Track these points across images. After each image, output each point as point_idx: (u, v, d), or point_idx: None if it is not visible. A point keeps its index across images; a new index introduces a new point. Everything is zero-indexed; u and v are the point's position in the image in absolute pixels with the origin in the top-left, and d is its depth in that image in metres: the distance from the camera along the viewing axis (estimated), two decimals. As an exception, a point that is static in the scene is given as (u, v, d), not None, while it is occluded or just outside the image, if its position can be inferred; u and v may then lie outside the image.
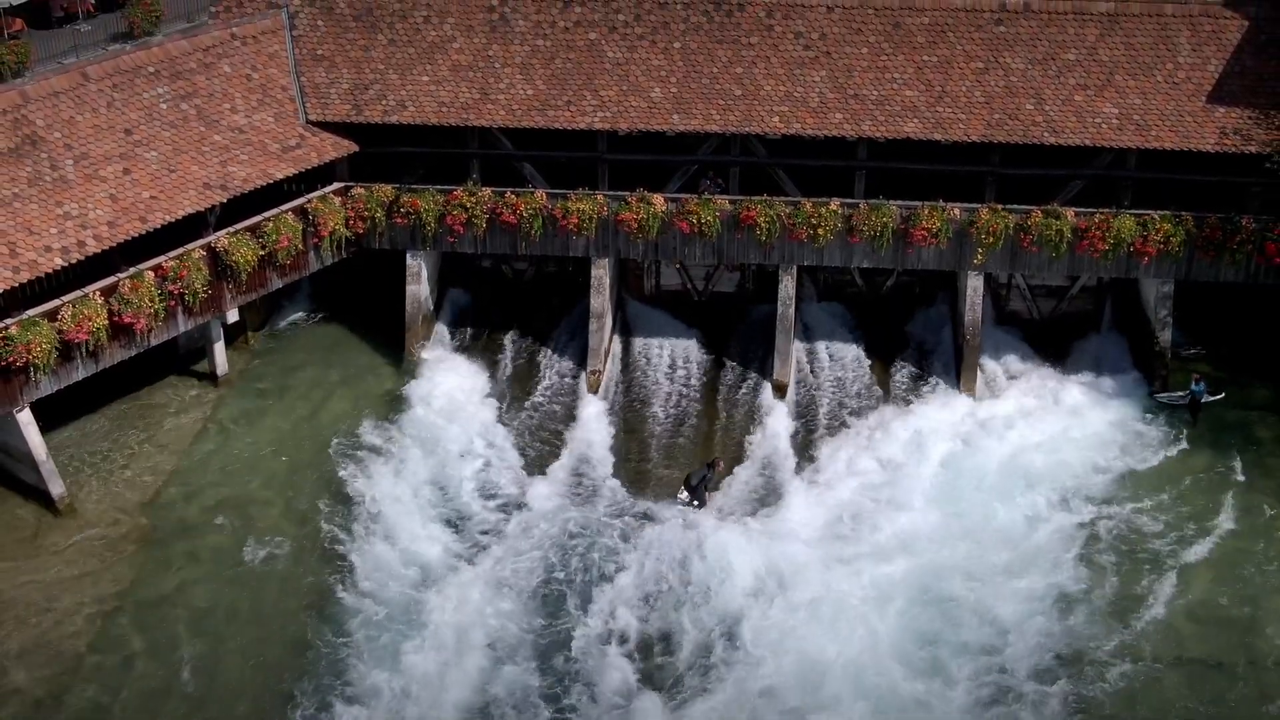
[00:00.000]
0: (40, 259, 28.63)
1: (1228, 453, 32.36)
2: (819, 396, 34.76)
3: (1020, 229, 33.33)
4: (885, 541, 29.83)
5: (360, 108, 33.69)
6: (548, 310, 37.22)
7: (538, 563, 29.15)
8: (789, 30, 34.01)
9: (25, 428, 29.72)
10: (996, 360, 35.67)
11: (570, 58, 34.00)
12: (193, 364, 34.69)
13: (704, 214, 33.64)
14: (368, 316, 36.51)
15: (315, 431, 32.94)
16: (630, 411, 34.32)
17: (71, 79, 31.35)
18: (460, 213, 34.10)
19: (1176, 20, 33.61)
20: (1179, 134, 32.55)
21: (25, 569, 28.76)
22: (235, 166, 32.08)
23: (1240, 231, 32.90)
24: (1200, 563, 29.38)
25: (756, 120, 33.23)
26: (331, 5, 34.77)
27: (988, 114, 32.93)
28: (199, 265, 31.65)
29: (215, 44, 33.53)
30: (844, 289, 37.64)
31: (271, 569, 29.07)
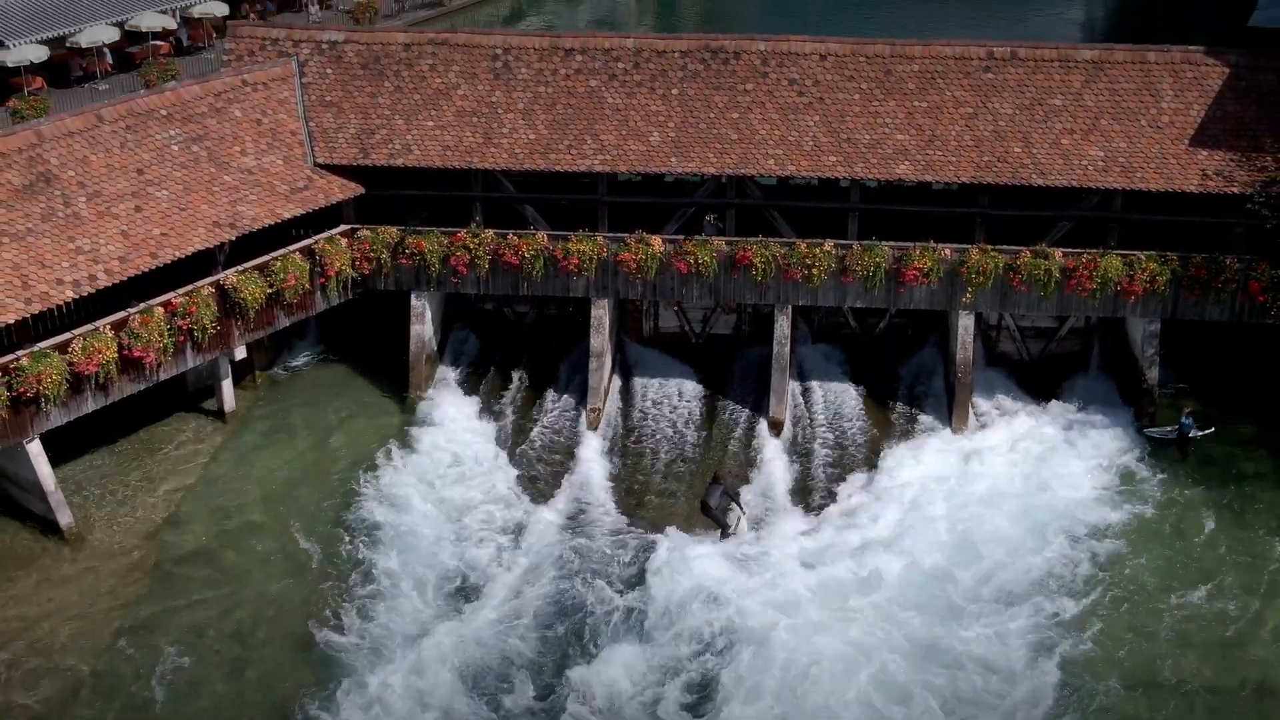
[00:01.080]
0: (52, 291, 28.39)
1: (1214, 486, 31.88)
2: (814, 433, 34.33)
3: (1010, 269, 33.11)
4: (877, 570, 29.17)
5: (367, 151, 33.59)
6: (549, 351, 36.88)
7: (538, 592, 28.53)
8: (783, 77, 33.99)
9: (35, 458, 29.30)
10: (988, 399, 35.29)
11: (571, 104, 33.95)
12: (201, 401, 34.30)
13: (701, 254, 33.42)
14: (373, 357, 36.17)
15: (319, 466, 32.52)
16: (629, 448, 33.88)
17: (86, 120, 31.26)
18: (464, 254, 33.89)
19: (1159, 67, 33.62)
20: (1163, 176, 32.41)
21: (32, 595, 28.22)
22: (244, 206, 31.90)
23: (1224, 271, 32.68)
24: (1189, 591, 28.81)
25: (752, 163, 33.11)
26: (340, 54, 34.79)
27: (977, 157, 32.82)
28: (208, 302, 31.39)
29: (226, 89, 33.49)
30: (838, 330, 37.32)
31: (274, 598, 28.50)
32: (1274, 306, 32.37)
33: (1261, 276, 32.48)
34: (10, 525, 30.02)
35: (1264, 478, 32.25)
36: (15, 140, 30.01)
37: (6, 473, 30.10)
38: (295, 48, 34.97)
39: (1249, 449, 33.11)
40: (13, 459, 29.52)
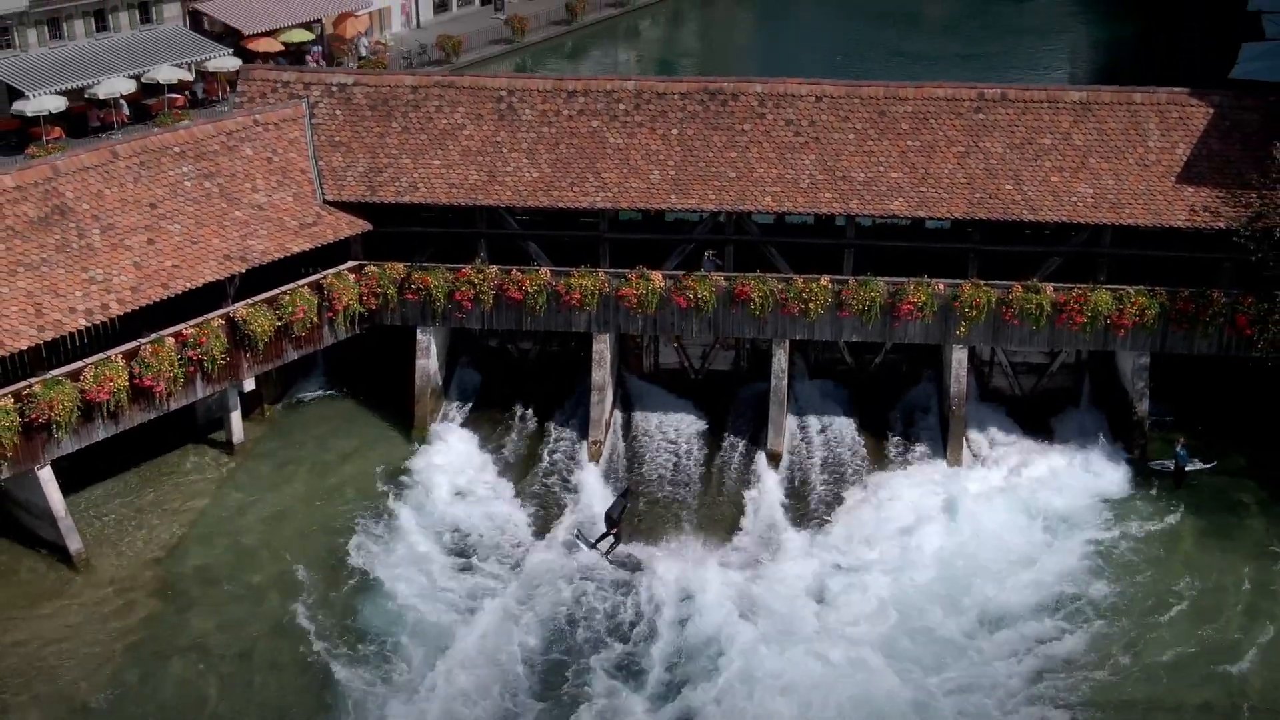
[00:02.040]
0: (65, 319, 28.20)
1: (1204, 516, 31.55)
2: (811, 464, 34.01)
3: (1002, 303, 32.89)
4: (873, 600, 28.84)
5: (375, 189, 33.49)
6: (551, 387, 36.55)
7: (538, 618, 28.25)
8: (780, 118, 33.96)
9: (46, 485, 28.99)
10: (981, 432, 34.96)
11: (574, 143, 33.89)
12: (210, 434, 34.00)
13: (700, 289, 33.23)
14: (379, 392, 35.87)
15: (325, 497, 32.17)
16: (630, 480, 33.46)
17: (101, 156, 31.21)
18: (469, 289, 33.68)
19: (1145, 107, 33.58)
20: (1151, 212, 32.29)
21: (41, 619, 27.84)
22: (255, 240, 31.76)
23: (1212, 305, 32.48)
24: (1179, 616, 28.52)
25: (750, 200, 33.01)
26: (349, 96, 34.77)
27: (969, 194, 32.71)
28: (218, 333, 31.16)
29: (238, 128, 33.44)
30: (834, 367, 37.04)
31: (278, 624, 28.14)
32: (1261, 339, 32.10)
33: (1248, 310, 32.26)
34: (20, 551, 29.68)
35: (1253, 507, 31.97)
36: (32, 174, 29.92)
37: (17, 499, 29.76)
38: (306, 90, 34.96)
39: (1238, 479, 32.82)
40: (24, 485, 29.19)
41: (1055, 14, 79.02)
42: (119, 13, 52.89)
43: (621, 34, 74.65)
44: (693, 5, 79.03)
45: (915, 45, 71.63)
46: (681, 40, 74.78)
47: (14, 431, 27.80)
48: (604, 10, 73.62)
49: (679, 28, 76.15)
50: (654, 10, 76.69)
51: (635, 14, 74.68)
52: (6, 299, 27.88)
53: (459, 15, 69.88)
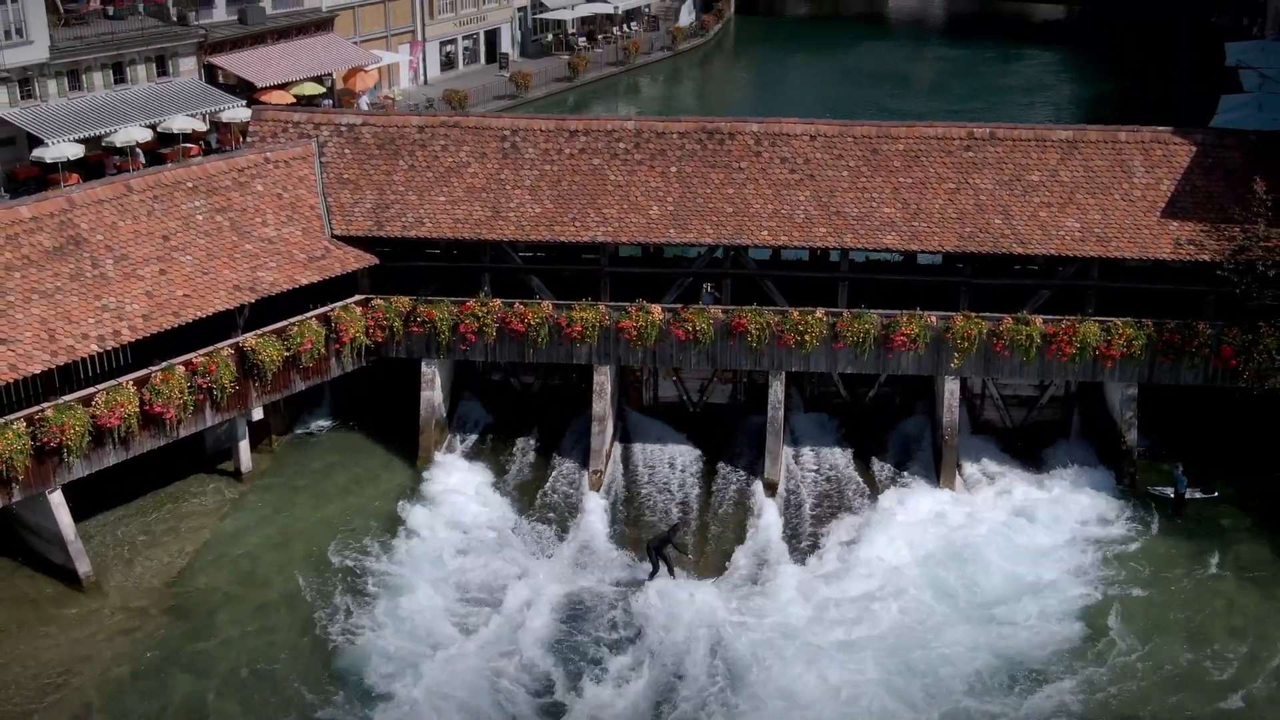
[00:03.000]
0: (77, 345, 27.99)
1: (1190, 542, 31.23)
2: (807, 492, 33.68)
3: (993, 335, 32.69)
4: (868, 621, 28.43)
5: (382, 224, 33.39)
6: (553, 419, 36.25)
7: (539, 634, 27.85)
8: (776, 156, 33.92)
9: (56, 508, 28.66)
10: (974, 463, 34.64)
11: (575, 180, 33.83)
12: (219, 463, 33.65)
13: (699, 322, 33.03)
14: (384, 425, 35.53)
15: (330, 524, 31.76)
16: (630, 506, 33.22)
17: (115, 189, 31.13)
18: (472, 322, 33.48)
19: (1130, 145, 33.57)
20: (1137, 245, 32.18)
21: (48, 639, 27.40)
22: (264, 272, 31.60)
23: (1197, 336, 32.28)
24: (1172, 644, 28.04)
25: (747, 234, 32.90)
26: (358, 135, 34.75)
27: (960, 228, 32.61)
28: (227, 363, 30.93)
29: (250, 165, 33.38)
30: (829, 400, 36.76)
31: (282, 645, 27.69)
32: (1246, 370, 31.88)
33: (1233, 341, 32.05)
34: (29, 574, 29.30)
35: (1241, 533, 31.56)
36: (48, 205, 29.84)
37: (28, 523, 29.40)
38: (316, 129, 34.94)
39: (1224, 506, 32.48)
40: (35, 509, 28.85)
41: (1040, 73, 79.44)
42: (136, 66, 53.03)
43: (622, 90, 75.03)
44: (690, 64, 79.54)
45: (904, 104, 71.92)
46: (679, 97, 75.22)
47: (26, 454, 27.53)
48: (605, 69, 74.03)
49: (677, 85, 76.60)
50: (653, 69, 77.18)
51: (635, 72, 75.16)
52: (21, 325, 27.68)
53: (464, 73, 70.25)
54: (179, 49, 54.48)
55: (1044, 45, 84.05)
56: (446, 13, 68.69)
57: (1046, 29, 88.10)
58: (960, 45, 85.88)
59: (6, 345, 27.20)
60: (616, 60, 75.11)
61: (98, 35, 52.30)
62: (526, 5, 74.45)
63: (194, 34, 54.90)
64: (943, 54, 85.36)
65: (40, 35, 49.45)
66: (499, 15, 71.87)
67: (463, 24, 69.82)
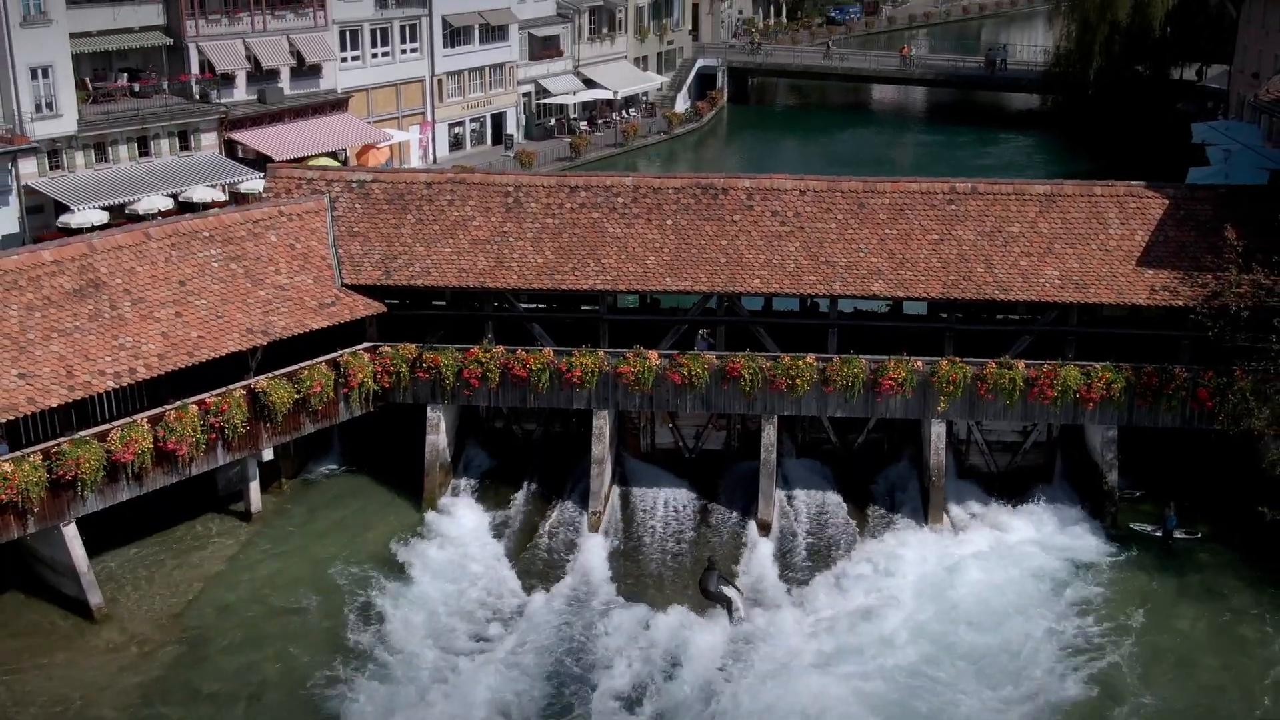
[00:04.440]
0: (94, 381, 27.61)
1: (1173, 580, 30.63)
2: (799, 532, 33.05)
3: (977, 379, 32.29)
4: (860, 658, 27.70)
5: (390, 273, 33.13)
6: (554, 465, 35.67)
7: (538, 663, 27.27)
8: (767, 209, 33.76)
9: (70, 541, 28.05)
10: (960, 505, 34.03)
11: (575, 232, 33.63)
12: (230, 505, 33.04)
13: (694, 367, 32.65)
14: (391, 469, 34.90)
15: (337, 560, 31.10)
16: (628, 545, 32.55)
17: (135, 237, 30.91)
18: (476, 368, 33.10)
19: (1105, 199, 33.45)
20: (1114, 291, 31.92)
21: (60, 668, 26.75)
22: (276, 317, 31.27)
23: (1174, 380, 31.89)
24: (1159, 680, 27.34)
25: (740, 282, 32.63)
26: (368, 191, 34.62)
27: (944, 276, 32.35)
28: (239, 403, 30.47)
29: (264, 217, 33.20)
30: (820, 446, 36.21)
31: (289, 674, 26.98)
32: (1221, 412, 31.45)
33: (1209, 384, 31.67)
34: (42, 605, 28.62)
35: (1222, 570, 30.94)
36: (70, 250, 29.64)
37: (41, 556, 28.77)
38: (328, 186, 34.83)
39: (1207, 545, 31.83)
40: (49, 542, 28.26)
41: (1015, 155, 79.71)
42: (160, 140, 53.13)
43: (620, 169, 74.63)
44: (686, 146, 79.95)
45: (888, 182, 72.09)
46: (675, 176, 75.66)
47: (41, 486, 27.02)
48: (605, 149, 74.34)
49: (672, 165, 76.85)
50: (650, 150, 77.55)
51: (633, 153, 75.49)
52: (40, 361, 27.31)
53: (471, 152, 70.53)
54: (201, 125, 54.67)
55: (1019, 131, 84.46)
56: (455, 96, 69.14)
57: (1021, 117, 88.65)
58: (939, 131, 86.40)
59: (26, 380, 26.82)
60: (616, 142, 75.48)
61: (124, 111, 52.48)
62: (531, 91, 74.99)
63: (215, 111, 55.12)
64: (923, 139, 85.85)
65: (69, 109, 49.62)
66: (505, 100, 72.33)
67: (470, 107, 70.27)
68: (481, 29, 69.42)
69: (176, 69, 54.78)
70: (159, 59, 54.39)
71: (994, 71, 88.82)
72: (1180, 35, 77.24)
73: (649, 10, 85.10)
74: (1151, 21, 75.16)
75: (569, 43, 77.40)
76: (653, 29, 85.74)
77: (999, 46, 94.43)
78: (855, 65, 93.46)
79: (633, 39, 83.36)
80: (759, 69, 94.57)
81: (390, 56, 64.68)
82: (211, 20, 55.51)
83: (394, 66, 65.01)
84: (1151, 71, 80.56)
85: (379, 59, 64.06)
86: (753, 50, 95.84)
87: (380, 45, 64.01)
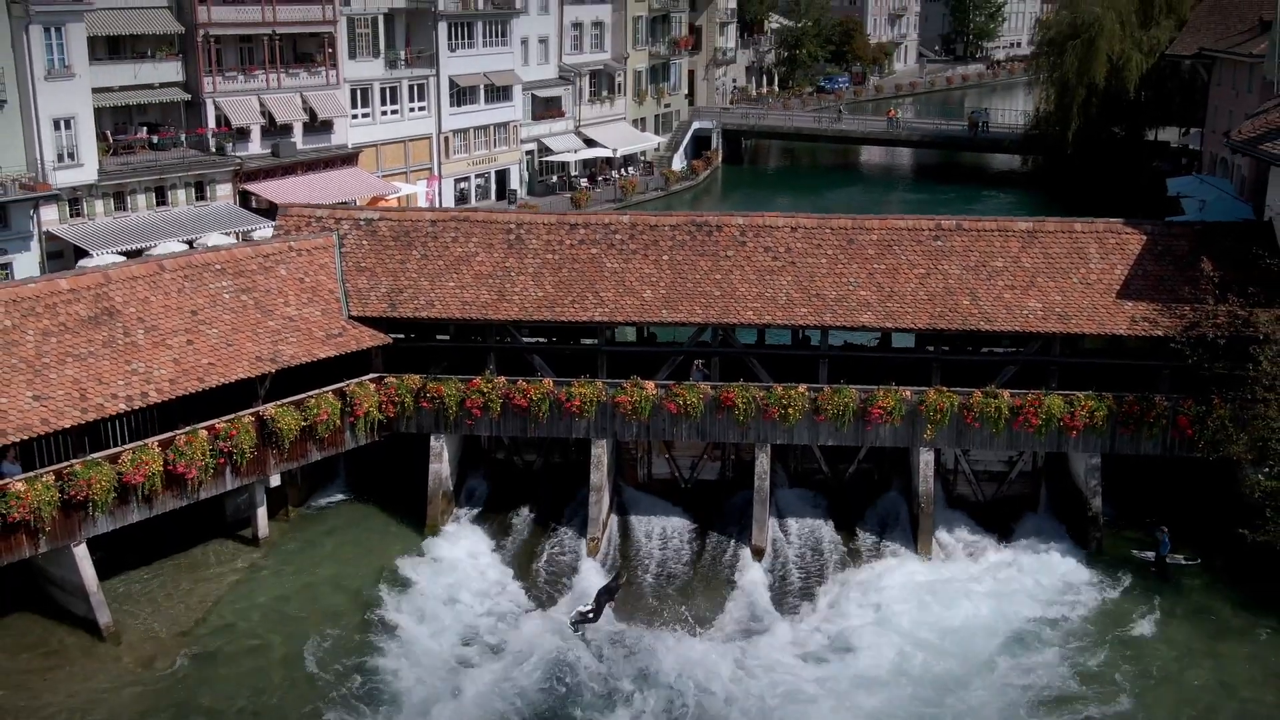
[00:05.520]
0: (106, 404, 27.39)
1: (1154, 603, 30.17)
2: (792, 557, 32.69)
3: (964, 408, 32.06)
4: (849, 680, 27.26)
5: (396, 306, 33.00)
6: (554, 494, 35.30)
7: (533, 680, 26.85)
8: (759, 245, 33.71)
9: (80, 561, 27.69)
10: (949, 533, 33.63)
11: (575, 268, 33.55)
12: (238, 531, 32.65)
13: (689, 397, 32.43)
14: (396, 497, 34.56)
15: (340, 584, 30.74)
16: (625, 569, 32.09)
17: (149, 268, 30.83)
18: (478, 397, 32.87)
19: (1085, 235, 33.41)
20: (1095, 322, 31.78)
21: (68, 684, 26.26)
22: (285, 346, 31.09)
23: (1155, 408, 31.65)
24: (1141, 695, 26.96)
25: (734, 314, 32.48)
26: (375, 229, 34.58)
27: (931, 308, 32.23)
28: (248, 429, 30.22)
29: (275, 252, 33.14)
30: (812, 476, 35.86)
31: (292, 692, 26.53)
32: (1201, 439, 31.19)
33: (1189, 412, 31.45)
34: (51, 625, 28.17)
35: (1206, 592, 30.56)
36: (86, 280, 29.56)
37: (52, 577, 28.38)
38: (336, 224, 34.80)
39: (1189, 569, 31.37)
40: (60, 563, 27.89)
41: (997, 210, 79.46)
42: (177, 190, 53.13)
43: (619, 226, 75.56)
44: (682, 203, 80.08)
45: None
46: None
47: (53, 506, 26.71)
48: (604, 205, 74.51)
49: (670, 223, 77.55)
50: (647, 205, 77.42)
51: (632, 208, 75.20)
52: (54, 384, 27.09)
53: (476, 207, 70.54)
54: (216, 176, 54.72)
55: (1001, 189, 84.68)
56: (461, 153, 69.37)
57: (1003, 176, 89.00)
58: (925, 190, 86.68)
59: (40, 401, 26.58)
60: (615, 198, 75.67)
61: (143, 162, 52.58)
62: (534, 149, 75.29)
63: (230, 163, 55.24)
64: (908, 196, 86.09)
65: (90, 159, 49.71)
66: (509, 157, 72.61)
67: (475, 164, 70.50)
68: (487, 89, 69.82)
69: (194, 123, 54.97)
70: (177, 113, 54.58)
71: (976, 133, 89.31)
72: (1154, 98, 77.75)
73: (647, 75, 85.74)
74: (1127, 85, 75.63)
75: (570, 104, 77.85)
76: (650, 93, 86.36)
77: (981, 110, 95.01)
78: (845, 127, 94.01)
79: (631, 102, 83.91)
80: (752, 131, 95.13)
81: (399, 114, 64.95)
82: (228, 77, 55.77)
83: (403, 124, 65.27)
84: (1127, 133, 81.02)
85: (388, 116, 64.32)
86: (755, 101, 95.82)
87: (389, 103, 64.30)
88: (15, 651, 27.13)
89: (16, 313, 27.80)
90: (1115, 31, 75.40)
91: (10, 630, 27.83)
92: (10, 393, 26.41)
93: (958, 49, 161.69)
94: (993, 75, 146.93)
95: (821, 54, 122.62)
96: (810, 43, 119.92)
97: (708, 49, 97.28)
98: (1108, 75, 76.12)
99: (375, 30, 62.63)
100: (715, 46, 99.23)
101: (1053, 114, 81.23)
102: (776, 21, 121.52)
